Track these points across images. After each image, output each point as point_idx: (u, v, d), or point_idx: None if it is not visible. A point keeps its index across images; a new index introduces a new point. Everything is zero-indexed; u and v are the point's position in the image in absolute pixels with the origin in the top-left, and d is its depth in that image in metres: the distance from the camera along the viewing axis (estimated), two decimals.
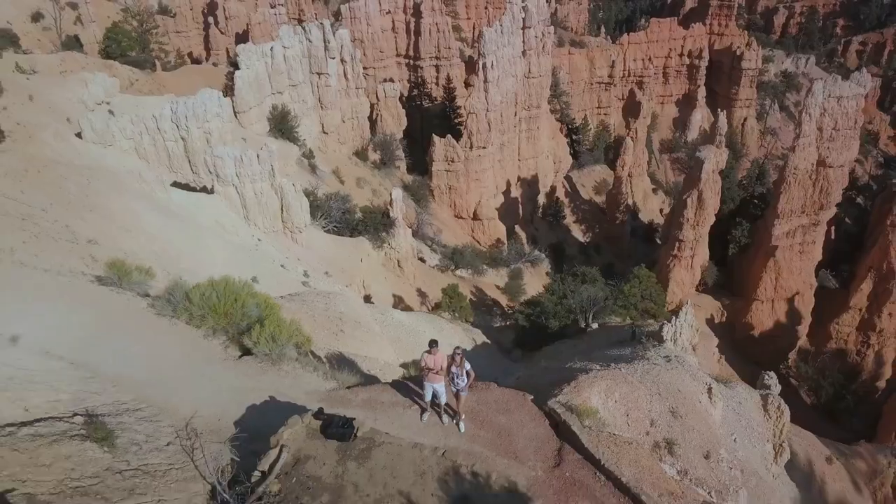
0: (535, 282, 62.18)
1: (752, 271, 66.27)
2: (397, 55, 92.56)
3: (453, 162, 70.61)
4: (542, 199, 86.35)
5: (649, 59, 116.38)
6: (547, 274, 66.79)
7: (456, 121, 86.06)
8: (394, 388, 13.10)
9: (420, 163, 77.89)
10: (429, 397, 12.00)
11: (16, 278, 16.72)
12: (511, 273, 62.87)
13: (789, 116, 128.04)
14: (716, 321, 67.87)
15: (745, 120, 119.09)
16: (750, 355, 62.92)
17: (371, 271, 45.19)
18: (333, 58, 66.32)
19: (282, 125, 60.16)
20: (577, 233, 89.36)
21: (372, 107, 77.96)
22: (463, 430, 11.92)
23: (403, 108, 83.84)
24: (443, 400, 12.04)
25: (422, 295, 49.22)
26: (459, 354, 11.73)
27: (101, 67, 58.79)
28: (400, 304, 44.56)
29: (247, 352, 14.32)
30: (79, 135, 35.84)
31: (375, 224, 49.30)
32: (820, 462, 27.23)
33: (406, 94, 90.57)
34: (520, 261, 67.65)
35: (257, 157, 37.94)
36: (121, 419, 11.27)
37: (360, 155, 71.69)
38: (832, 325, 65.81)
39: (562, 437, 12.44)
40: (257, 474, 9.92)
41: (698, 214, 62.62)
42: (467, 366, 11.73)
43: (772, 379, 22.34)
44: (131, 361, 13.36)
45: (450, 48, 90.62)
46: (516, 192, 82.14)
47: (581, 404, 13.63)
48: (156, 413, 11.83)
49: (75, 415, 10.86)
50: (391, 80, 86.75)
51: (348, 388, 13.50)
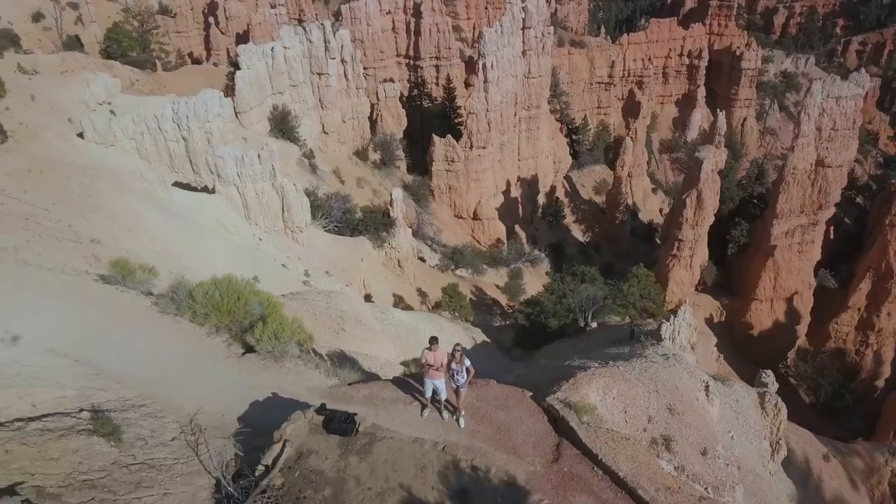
0: (535, 281, 62.32)
1: (750, 271, 66.42)
2: (397, 55, 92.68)
3: (453, 162, 70.78)
4: (541, 199, 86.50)
5: (649, 59, 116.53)
6: (547, 274, 66.90)
7: (456, 121, 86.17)
8: (395, 384, 13.29)
9: (420, 163, 78.03)
10: (429, 393, 12.17)
11: (20, 277, 16.85)
12: (511, 273, 63.00)
13: (789, 116, 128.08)
14: (715, 321, 68.05)
15: (744, 120, 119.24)
16: (749, 355, 63.08)
17: (371, 271, 45.37)
18: (334, 58, 66.51)
19: (282, 125, 60.33)
20: (577, 233, 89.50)
21: (372, 107, 78.12)
22: (463, 426, 12.10)
23: (403, 108, 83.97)
24: (443, 396, 12.21)
25: (422, 294, 49.39)
26: (459, 351, 11.89)
27: (102, 67, 58.88)
28: (400, 303, 44.74)
29: (249, 349, 14.49)
30: (80, 135, 35.97)
31: (376, 224, 49.48)
32: (817, 459, 27.45)
33: (406, 94, 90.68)
34: (520, 260, 67.79)
35: (258, 157, 38.11)
36: (126, 415, 11.43)
37: (361, 155, 71.87)
38: (831, 325, 65.98)
39: (560, 433, 12.62)
40: (261, 468, 10.10)
41: (697, 214, 62.80)
42: (467, 362, 11.89)
43: (769, 377, 22.51)
44: (135, 359, 13.51)
45: (450, 48, 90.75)
46: (516, 192, 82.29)
47: (579, 401, 13.81)
48: (160, 409, 12.00)
49: (81, 410, 11.03)
50: (391, 80, 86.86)
51: (350, 384, 13.69)
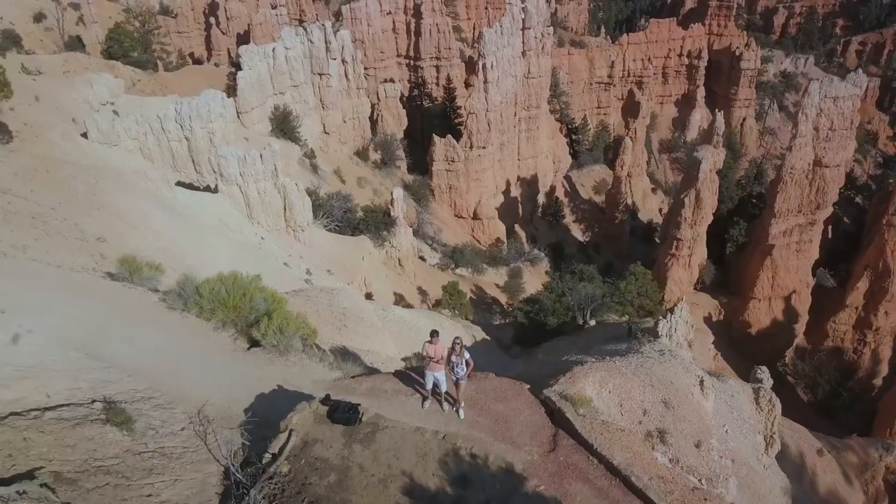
0: (535, 280, 62.67)
1: (749, 270, 66.80)
2: (398, 55, 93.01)
3: (453, 162, 71.15)
4: (541, 199, 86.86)
5: (649, 59, 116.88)
6: (546, 273, 67.25)
7: (456, 121, 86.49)
8: (396, 377, 13.67)
9: (420, 162, 78.40)
10: (430, 385, 12.55)
11: (30, 274, 17.26)
12: (510, 272, 63.34)
13: (788, 116, 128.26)
14: (713, 319, 68.45)
15: (743, 120, 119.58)
16: (747, 353, 63.39)
17: (372, 269, 45.75)
18: (335, 58, 66.91)
19: (284, 125, 60.72)
20: (577, 232, 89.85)
21: (373, 107, 78.51)
22: (462, 417, 12.47)
23: (404, 108, 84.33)
24: (443, 388, 12.59)
25: (422, 293, 49.78)
26: (459, 344, 12.25)
27: (104, 68, 59.29)
28: (401, 301, 45.10)
29: (255, 343, 14.86)
30: (84, 135, 36.40)
31: (376, 223, 49.87)
32: (811, 454, 27.84)
33: (406, 94, 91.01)
34: (519, 260, 68.15)
35: (260, 156, 38.49)
36: (137, 406, 11.82)
37: (361, 155, 72.27)
38: (829, 324, 66.39)
39: (557, 424, 13.00)
40: (268, 456, 10.50)
41: (696, 214, 63.18)
42: (466, 355, 12.25)
43: (764, 373, 22.89)
44: (144, 353, 13.88)
45: (450, 48, 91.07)
46: (516, 192, 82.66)
47: (576, 393, 14.20)
48: (170, 401, 12.39)
49: (94, 401, 11.41)
50: (392, 80, 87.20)
51: (353, 377, 14.07)
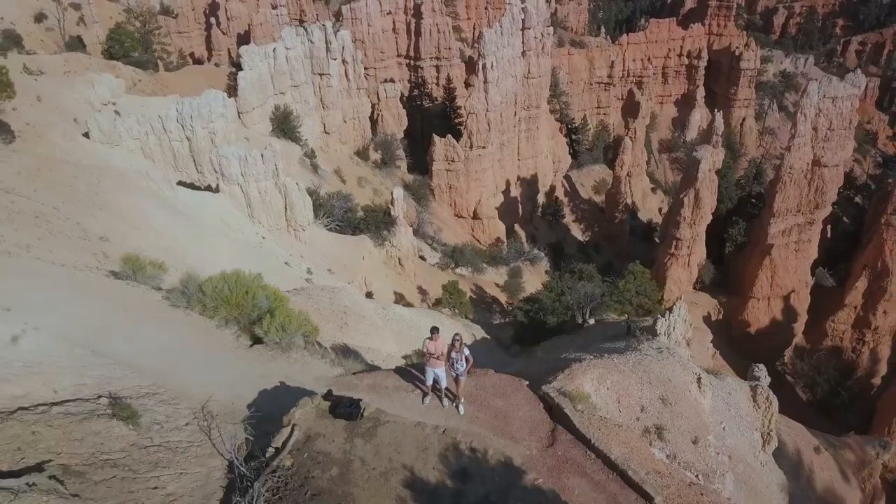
0: (535, 280, 62.84)
1: (748, 269, 66.99)
2: (398, 55, 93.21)
3: (453, 161, 71.34)
4: (541, 199, 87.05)
5: (648, 59, 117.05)
6: (546, 272, 67.42)
7: (456, 121, 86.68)
8: (397, 374, 13.87)
9: (420, 162, 78.60)
10: (430, 381, 12.74)
11: (35, 273, 17.47)
12: (510, 271, 63.53)
13: (788, 116, 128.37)
14: (713, 319, 68.65)
15: (743, 120, 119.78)
16: (746, 352, 63.53)
17: (372, 269, 45.95)
18: (335, 58, 67.10)
19: (284, 125, 60.91)
20: (577, 232, 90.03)
21: (373, 107, 78.71)
22: (462, 413, 12.66)
23: (404, 108, 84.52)
24: (443, 384, 12.78)
25: (422, 292, 49.97)
26: (459, 340, 12.44)
27: (105, 68, 59.46)
28: (401, 300, 45.28)
29: (258, 340, 15.06)
30: (86, 135, 36.58)
31: (377, 222, 50.08)
32: (808, 452, 28.02)
33: (407, 94, 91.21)
34: (519, 259, 68.33)
35: (261, 156, 38.68)
36: (142, 401, 12.01)
37: (362, 154, 72.47)
38: (828, 323, 66.56)
39: (555, 420, 13.19)
40: (271, 450, 10.69)
41: (695, 213, 63.37)
42: (466, 351, 12.43)
43: (761, 371, 23.08)
44: (148, 350, 14.08)
45: (450, 49, 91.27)
46: (516, 192, 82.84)
47: (574, 390, 14.39)
48: (174, 396, 12.58)
49: (100, 397, 11.61)
50: (392, 80, 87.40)
51: (354, 374, 14.27)
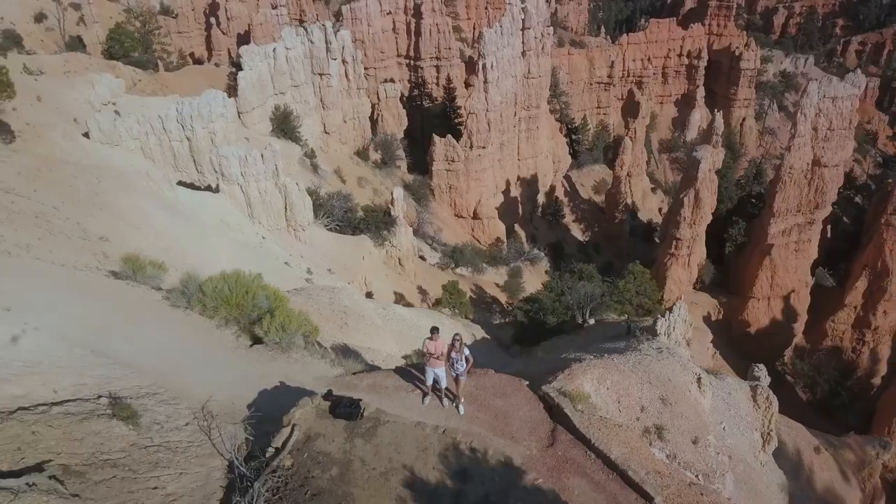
0: (535, 280, 62.84)
1: (748, 269, 66.99)
2: (398, 55, 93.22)
3: (453, 161, 71.34)
4: (541, 199, 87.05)
5: (648, 59, 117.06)
6: (546, 272, 67.42)
7: (456, 121, 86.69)
8: (397, 374, 13.87)
9: (420, 162, 78.60)
10: (430, 381, 12.74)
11: (35, 273, 17.46)
12: (510, 271, 63.53)
13: (788, 116, 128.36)
14: (713, 319, 68.64)
15: (743, 120, 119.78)
16: (746, 352, 63.53)
17: (372, 269, 45.94)
18: (335, 58, 67.10)
19: (284, 125, 60.92)
20: (577, 232, 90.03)
21: (373, 107, 78.72)
22: (462, 413, 12.66)
23: (404, 108, 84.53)
24: (443, 384, 12.77)
25: (422, 292, 49.96)
26: (458, 340, 12.43)
27: (105, 68, 59.46)
28: (401, 300, 45.28)
29: (258, 341, 15.05)
30: (86, 135, 36.58)
31: (377, 222, 50.08)
32: (808, 452, 28.03)
33: (407, 94, 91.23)
34: (519, 259, 68.34)
35: (262, 156, 38.68)
36: (142, 402, 12.01)
37: (362, 154, 72.48)
38: (828, 323, 66.55)
39: (555, 420, 13.19)
40: (271, 450, 10.68)
41: (695, 213, 63.37)
42: (466, 351, 12.43)
43: (761, 371, 23.08)
44: (148, 350, 14.07)
45: (450, 49, 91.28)
46: (516, 192, 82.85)
47: (574, 390, 14.39)
48: (174, 396, 12.58)
49: (100, 397, 11.61)
50: (392, 80, 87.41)
51: (354, 374, 14.27)
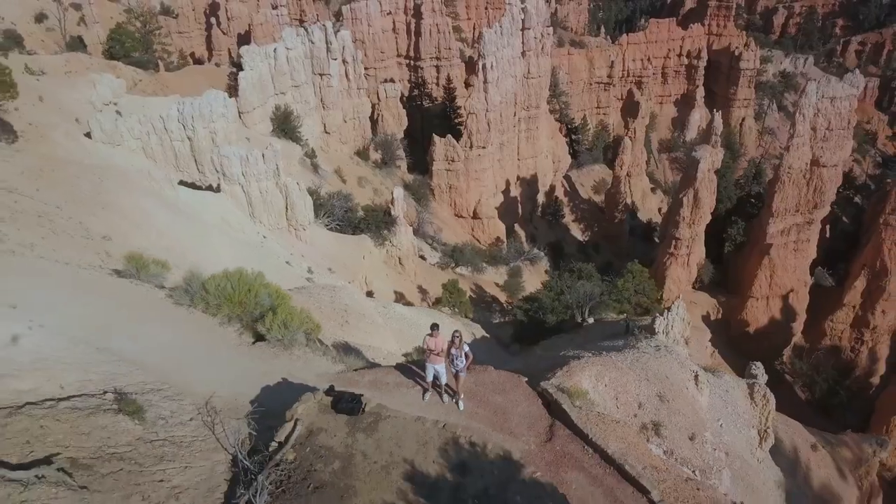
0: (534, 279, 63.04)
1: (747, 269, 67.20)
2: (398, 56, 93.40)
3: (453, 161, 71.53)
4: (541, 199, 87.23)
5: (648, 59, 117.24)
6: (546, 272, 67.61)
7: (456, 121, 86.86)
8: (398, 370, 14.07)
9: (421, 162, 78.79)
10: (430, 378, 12.94)
11: (39, 272, 17.65)
12: (510, 271, 63.74)
13: (787, 116, 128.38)
14: (712, 318, 68.85)
15: (743, 120, 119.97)
16: (745, 352, 63.69)
17: (373, 268, 46.15)
18: (335, 59, 67.30)
19: (284, 125, 61.11)
20: (576, 232, 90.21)
21: (373, 107, 78.92)
22: (462, 408, 12.85)
23: (404, 108, 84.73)
24: (443, 380, 12.97)
25: (422, 292, 50.16)
26: (458, 337, 12.62)
27: (105, 68, 59.64)
28: (401, 300, 45.47)
29: (260, 338, 15.23)
30: (88, 135, 36.79)
31: (377, 222, 50.28)
32: (805, 449, 28.22)
33: (407, 94, 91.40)
34: (519, 259, 68.55)
35: (262, 156, 38.87)
36: (147, 397, 12.21)
37: (362, 154, 72.68)
38: (826, 322, 66.77)
39: (553, 416, 13.39)
40: (274, 444, 10.88)
41: (694, 213, 63.58)
42: (466, 348, 12.61)
43: (758, 369, 23.27)
44: (152, 347, 14.26)
45: (450, 49, 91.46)
46: (516, 192, 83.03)
47: (572, 386, 14.58)
48: (178, 392, 12.78)
49: (105, 392, 11.80)
50: (392, 80, 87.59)
51: (355, 370, 14.47)
